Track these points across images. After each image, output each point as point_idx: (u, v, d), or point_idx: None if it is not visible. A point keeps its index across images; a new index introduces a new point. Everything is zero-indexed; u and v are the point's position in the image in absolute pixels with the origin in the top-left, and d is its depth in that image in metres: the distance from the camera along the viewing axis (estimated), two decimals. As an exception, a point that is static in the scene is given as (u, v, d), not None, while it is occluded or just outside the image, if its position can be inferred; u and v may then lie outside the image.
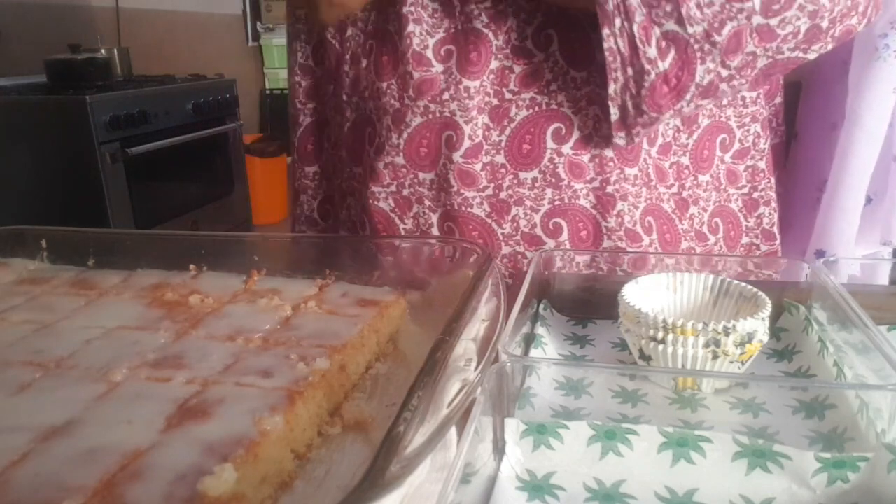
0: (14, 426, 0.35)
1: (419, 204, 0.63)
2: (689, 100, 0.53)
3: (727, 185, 0.68)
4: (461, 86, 0.59)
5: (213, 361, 0.41)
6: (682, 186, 0.65)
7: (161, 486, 0.30)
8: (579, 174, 0.60)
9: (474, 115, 0.60)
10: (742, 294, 0.47)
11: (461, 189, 0.61)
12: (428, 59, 0.60)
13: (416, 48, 0.60)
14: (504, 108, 0.59)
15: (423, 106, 0.60)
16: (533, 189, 0.60)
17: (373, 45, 0.63)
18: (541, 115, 0.59)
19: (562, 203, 0.60)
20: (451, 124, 0.60)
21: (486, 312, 0.46)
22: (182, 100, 2.48)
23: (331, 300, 0.50)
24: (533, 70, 0.59)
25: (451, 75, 0.60)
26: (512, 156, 0.60)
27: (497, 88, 0.59)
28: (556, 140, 0.59)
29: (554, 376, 0.45)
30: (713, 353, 0.42)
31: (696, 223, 0.66)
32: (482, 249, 0.51)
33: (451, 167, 0.60)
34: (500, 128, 0.60)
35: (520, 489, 0.35)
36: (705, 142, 0.65)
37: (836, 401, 0.40)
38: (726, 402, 0.43)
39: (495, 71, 0.59)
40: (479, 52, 0.59)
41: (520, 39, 0.58)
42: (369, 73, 0.63)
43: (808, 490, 0.34)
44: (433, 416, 0.33)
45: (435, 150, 0.61)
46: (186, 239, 0.59)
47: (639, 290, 0.48)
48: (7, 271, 0.57)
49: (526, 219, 0.61)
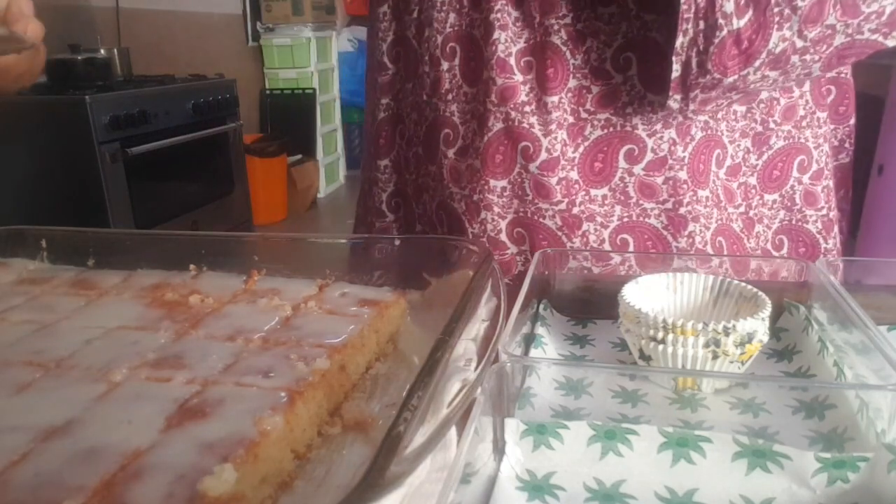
0: (14, 426, 0.35)
1: (487, 210, 0.63)
2: (757, 66, 0.51)
3: (804, 206, 0.67)
4: (542, 99, 0.60)
5: (213, 361, 0.41)
6: (748, 206, 0.65)
7: (161, 486, 0.30)
8: (650, 194, 0.61)
9: (553, 129, 0.60)
10: (742, 294, 0.47)
11: (535, 199, 0.62)
12: (511, 67, 0.61)
13: (501, 55, 0.60)
14: (579, 127, 0.60)
15: (504, 112, 0.61)
16: (603, 206, 0.61)
17: (456, 48, 0.63)
18: (615, 135, 0.60)
19: (630, 220, 0.61)
20: (530, 136, 0.61)
21: (486, 312, 0.46)
22: (182, 100, 2.49)
23: (331, 300, 0.50)
24: (610, 91, 0.59)
25: (532, 88, 0.60)
26: (584, 173, 0.61)
27: (574, 107, 0.60)
28: (628, 160, 0.60)
29: (554, 376, 0.45)
30: (713, 353, 0.42)
31: (761, 241, 0.66)
32: (482, 249, 0.51)
33: (526, 177, 0.62)
34: (575, 145, 0.61)
35: (520, 489, 0.35)
36: (777, 163, 0.65)
37: (836, 401, 0.40)
38: (726, 402, 0.43)
39: (573, 90, 0.60)
40: (555, 69, 0.59)
41: (599, 61, 0.59)
42: (454, 77, 0.64)
43: (808, 490, 0.34)
44: (433, 416, 0.33)
45: (510, 159, 0.62)
46: (186, 239, 0.59)
47: (639, 290, 0.48)
48: (7, 271, 0.57)
49: (595, 234, 0.62)
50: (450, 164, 0.65)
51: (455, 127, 0.65)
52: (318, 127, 4.03)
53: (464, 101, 0.64)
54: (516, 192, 0.62)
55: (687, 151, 0.61)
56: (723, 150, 0.63)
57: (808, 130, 0.65)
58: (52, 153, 2.12)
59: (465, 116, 0.64)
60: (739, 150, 0.63)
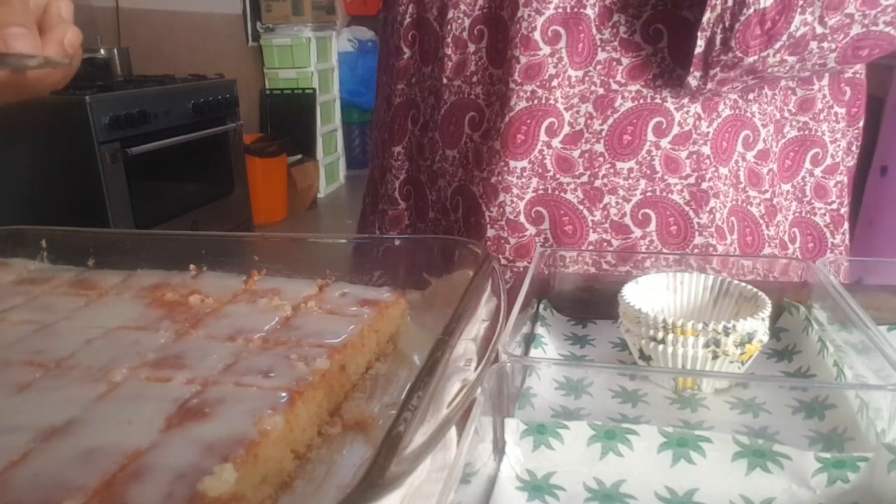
0: (14, 426, 0.35)
1: (506, 192, 0.63)
2: (777, 49, 0.52)
3: (814, 198, 0.68)
4: (567, 73, 0.60)
5: (213, 361, 0.41)
6: (773, 193, 0.65)
7: (161, 486, 0.30)
8: (675, 169, 0.61)
9: (576, 102, 0.60)
10: (742, 294, 0.47)
11: (557, 174, 0.62)
12: (535, 42, 0.60)
13: (525, 31, 0.60)
14: (610, 98, 0.60)
15: (529, 91, 0.61)
16: (628, 179, 0.61)
17: (483, 30, 0.63)
18: (645, 107, 0.60)
19: (653, 195, 0.61)
20: (554, 111, 0.61)
21: (486, 312, 0.46)
22: (182, 100, 2.49)
23: (331, 300, 0.50)
24: (641, 63, 0.60)
25: (560, 61, 0.60)
26: (611, 145, 0.61)
27: (604, 79, 0.60)
28: (656, 133, 0.60)
29: (554, 376, 0.45)
30: (713, 353, 0.42)
31: (780, 231, 0.67)
32: (482, 249, 0.51)
33: (548, 153, 0.61)
34: (604, 117, 0.60)
35: (520, 489, 0.35)
36: (789, 152, 0.66)
37: (836, 401, 0.40)
38: (726, 402, 0.43)
39: (602, 62, 0.60)
40: (584, 44, 0.60)
41: (629, 33, 0.59)
42: (480, 59, 0.64)
43: (808, 490, 0.34)
44: (433, 416, 0.33)
45: (532, 138, 0.61)
46: (186, 239, 0.59)
47: (639, 290, 0.48)
48: (7, 271, 0.57)
49: (617, 207, 0.62)
50: (475, 147, 0.65)
51: (481, 109, 0.65)
52: (318, 127, 4.04)
53: (489, 83, 0.64)
54: (536, 170, 0.62)
55: (712, 127, 0.61)
56: (754, 132, 0.63)
57: (825, 124, 0.66)
58: (52, 153, 2.12)
59: (490, 98, 0.64)
60: (769, 136, 0.64)
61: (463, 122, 0.66)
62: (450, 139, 0.67)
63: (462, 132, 0.66)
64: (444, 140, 0.68)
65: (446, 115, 0.67)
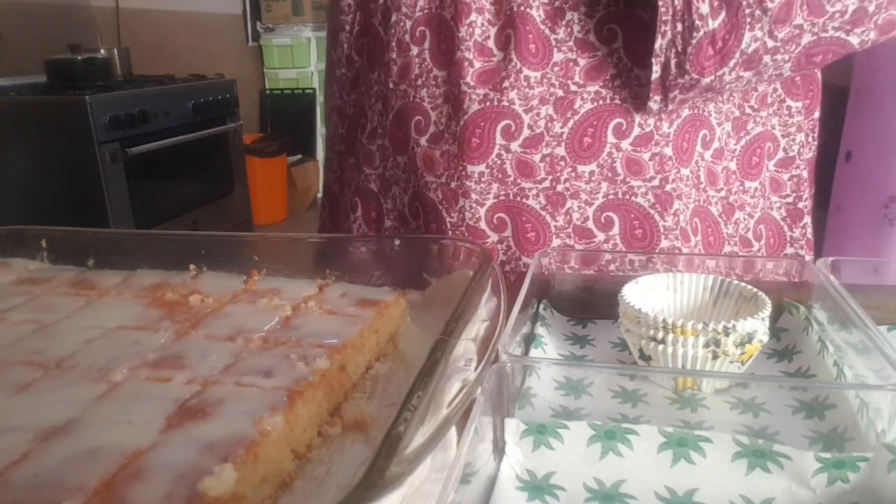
0: (14, 426, 0.35)
1: (465, 198, 0.62)
2: (732, 66, 0.53)
3: (770, 192, 0.68)
4: (521, 75, 0.59)
5: (213, 361, 0.41)
6: (729, 191, 0.65)
7: (161, 486, 0.30)
8: (637, 171, 0.60)
9: (535, 104, 0.60)
10: (742, 294, 0.47)
11: (518, 179, 0.61)
12: (489, 49, 0.60)
13: (478, 38, 0.60)
14: (569, 100, 0.60)
15: (482, 94, 0.60)
16: (589, 182, 0.60)
17: (426, 32, 0.62)
18: (605, 108, 0.60)
19: (616, 198, 0.61)
20: (510, 113, 0.60)
21: (486, 312, 0.46)
22: (182, 100, 2.49)
23: (331, 300, 0.50)
24: (598, 63, 0.59)
25: (510, 63, 0.59)
26: (572, 148, 0.60)
27: (562, 80, 0.59)
28: (616, 135, 0.60)
29: (554, 376, 0.45)
30: (713, 353, 0.42)
31: (741, 228, 0.66)
32: (482, 249, 0.51)
33: (507, 157, 0.60)
34: (564, 119, 0.60)
35: (520, 489, 0.35)
36: (756, 149, 0.65)
37: (836, 401, 0.40)
38: (726, 402, 0.43)
39: (559, 63, 0.59)
40: (536, 45, 0.59)
41: (582, 33, 0.59)
42: (423, 62, 0.63)
43: (808, 490, 0.33)
44: (433, 416, 0.33)
45: (488, 141, 0.61)
46: (186, 239, 0.59)
47: (639, 290, 0.48)
48: (7, 271, 0.57)
49: (579, 212, 0.61)
50: (422, 152, 0.64)
51: (426, 113, 0.63)
52: (318, 127, 4.03)
53: (434, 86, 0.63)
54: (496, 175, 0.61)
55: (672, 128, 0.61)
56: (710, 131, 0.63)
57: (775, 118, 0.66)
58: (52, 153, 2.12)
59: (436, 101, 0.63)
60: (724, 134, 0.63)
61: (409, 126, 0.65)
62: (398, 145, 0.66)
63: (409, 137, 0.65)
64: (394, 146, 0.67)
65: (394, 121, 0.66)
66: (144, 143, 2.24)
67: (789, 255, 0.69)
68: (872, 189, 0.83)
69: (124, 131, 2.18)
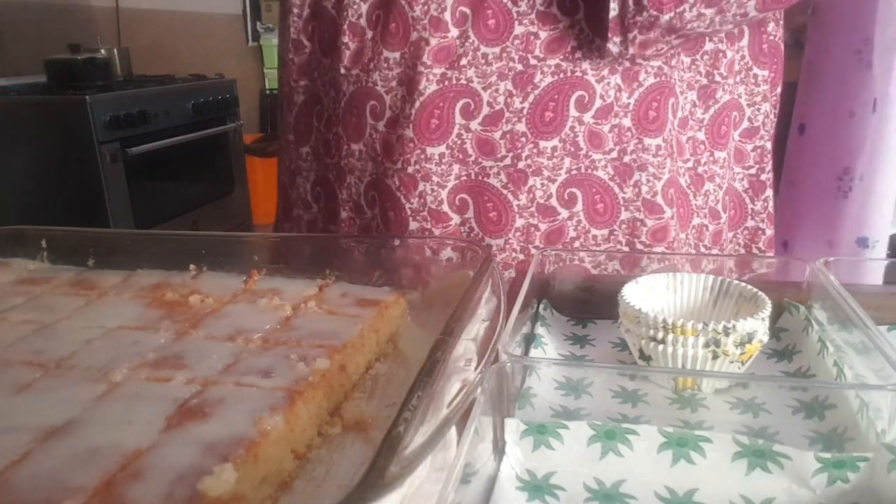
0: (14, 426, 0.35)
1: (426, 181, 0.61)
2: (692, 2, 0.51)
3: (734, 163, 0.67)
4: (479, 52, 0.58)
5: (213, 361, 0.41)
6: (697, 162, 0.64)
7: (161, 486, 0.30)
8: (598, 144, 0.59)
9: (494, 80, 0.58)
10: (742, 294, 0.47)
11: (479, 158, 0.60)
12: (445, 24, 0.58)
13: (434, 13, 0.58)
14: (529, 75, 0.58)
15: (439, 74, 0.59)
16: (552, 158, 0.59)
17: (380, 14, 0.61)
18: (565, 81, 0.58)
19: (578, 173, 0.60)
20: (468, 92, 0.59)
21: (486, 312, 0.46)
22: (182, 100, 2.48)
23: (331, 300, 0.50)
24: (559, 35, 0.58)
25: (467, 40, 0.58)
26: (533, 124, 0.59)
27: (522, 54, 0.58)
28: (578, 108, 0.59)
29: (554, 376, 0.45)
30: (713, 353, 0.42)
31: (710, 200, 0.65)
32: (482, 249, 0.51)
33: (467, 137, 0.59)
34: (524, 94, 0.58)
35: (520, 489, 0.35)
36: (724, 118, 0.64)
37: (836, 401, 0.40)
38: (726, 402, 0.43)
39: (520, 36, 0.58)
40: (497, 20, 0.57)
41: (545, 5, 0.58)
42: (375, 44, 0.61)
43: (808, 490, 0.33)
44: (433, 416, 0.33)
45: (447, 122, 0.59)
46: (186, 239, 0.59)
47: (639, 290, 0.48)
48: (7, 271, 0.57)
49: (542, 189, 0.60)
50: (381, 137, 0.62)
51: (380, 97, 0.61)
52: (318, 127, 4.03)
53: (386, 68, 0.61)
54: (456, 155, 0.60)
55: (632, 98, 0.59)
56: (676, 99, 0.62)
57: (742, 87, 0.65)
58: (52, 153, 2.12)
59: (389, 84, 0.61)
60: (687, 103, 0.62)
61: (364, 112, 0.63)
62: (353, 132, 0.64)
63: (365, 123, 0.63)
64: (348, 134, 0.64)
65: (347, 108, 0.64)
66: (144, 143, 2.24)
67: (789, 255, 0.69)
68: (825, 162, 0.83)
69: (124, 131, 2.18)
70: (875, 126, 0.75)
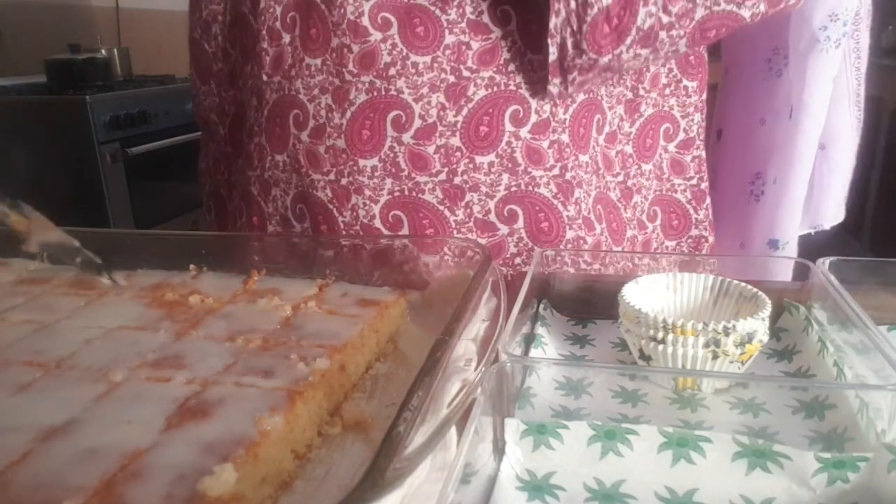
0: (14, 426, 0.35)
1: (358, 194, 0.59)
2: (629, 44, 0.52)
3: (671, 174, 0.67)
4: (408, 61, 0.56)
5: (213, 361, 0.41)
6: (626, 175, 0.64)
7: (161, 486, 0.30)
8: (537, 160, 0.58)
9: (425, 92, 0.56)
10: (742, 294, 0.47)
11: (412, 173, 0.58)
12: (365, 28, 0.56)
13: (351, 16, 0.56)
14: (462, 87, 0.57)
15: (367, 82, 0.57)
16: (489, 174, 0.58)
17: (296, 17, 0.58)
18: (499, 95, 0.57)
19: (518, 189, 0.58)
20: (399, 103, 0.57)
21: (486, 312, 0.46)
22: (182, 100, 2.48)
23: (331, 300, 0.50)
24: (491, 47, 0.56)
25: (394, 47, 0.56)
26: (468, 138, 0.57)
27: (454, 65, 0.56)
28: (514, 123, 0.58)
29: (554, 376, 0.45)
30: (713, 353, 0.42)
31: (637, 212, 0.66)
32: (482, 249, 0.51)
33: (399, 150, 0.57)
34: (457, 108, 0.57)
35: (520, 489, 0.35)
36: (648, 130, 0.64)
37: (836, 401, 0.40)
38: (726, 402, 0.43)
39: (451, 46, 0.56)
40: (425, 27, 0.56)
41: (476, 14, 0.56)
42: (295, 50, 0.58)
43: (808, 490, 0.34)
44: (433, 416, 0.33)
45: (379, 134, 0.58)
46: (186, 239, 0.59)
47: (639, 290, 0.48)
48: (7, 271, 0.57)
49: (480, 205, 0.58)
50: (305, 148, 0.59)
51: (303, 106, 0.59)
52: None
53: (308, 76, 0.58)
54: (389, 169, 0.58)
55: (568, 114, 0.59)
56: (602, 115, 0.62)
57: (673, 99, 0.65)
58: (52, 153, 2.12)
59: (311, 92, 0.58)
60: (615, 117, 0.62)
61: (287, 121, 0.60)
62: (277, 142, 0.61)
63: (288, 133, 0.60)
64: (272, 144, 0.62)
65: (270, 117, 0.61)
66: (144, 143, 2.24)
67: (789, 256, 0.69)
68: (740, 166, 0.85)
69: (124, 131, 2.18)
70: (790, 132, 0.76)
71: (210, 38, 0.68)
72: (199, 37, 0.70)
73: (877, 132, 3.10)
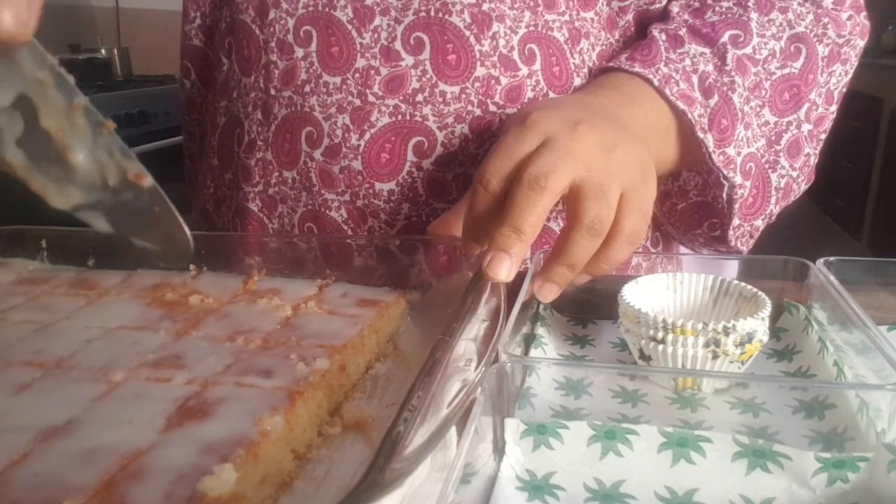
0: (14, 426, 0.35)
1: (283, 203, 0.60)
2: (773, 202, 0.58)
3: None
4: (321, 80, 0.56)
5: (212, 361, 0.41)
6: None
7: (161, 486, 0.30)
8: (440, 193, 0.57)
9: (333, 112, 0.56)
10: (742, 294, 0.47)
11: (322, 190, 0.58)
12: (290, 45, 0.57)
13: (279, 35, 0.57)
14: (366, 112, 0.56)
15: (287, 97, 0.57)
16: (389, 202, 0.57)
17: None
18: (403, 124, 0.56)
19: (419, 220, 0.58)
20: (311, 120, 0.57)
21: (486, 312, 0.46)
22: (182, 100, 2.48)
23: (331, 300, 0.50)
24: (400, 75, 0.56)
25: (311, 65, 0.57)
26: (369, 164, 0.57)
27: (360, 89, 0.56)
28: (417, 154, 0.57)
29: (554, 376, 0.45)
30: (713, 353, 0.42)
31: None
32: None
33: (312, 165, 0.58)
34: (360, 132, 0.56)
35: (520, 489, 0.35)
36: None
37: (836, 401, 0.40)
38: (726, 402, 0.43)
39: (360, 70, 0.56)
40: (340, 48, 0.56)
41: (388, 40, 0.55)
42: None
43: (808, 490, 0.34)
44: (433, 416, 0.33)
45: (296, 147, 0.58)
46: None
47: (639, 290, 0.48)
48: (7, 271, 0.57)
49: (381, 233, 0.58)
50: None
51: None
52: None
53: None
54: (304, 182, 0.58)
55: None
56: None
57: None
58: (52, 153, 2.12)
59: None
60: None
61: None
62: (286, 159, 0.60)
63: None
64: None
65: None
66: (144, 143, 2.24)
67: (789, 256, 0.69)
68: None
69: (124, 131, 2.18)
70: None
71: (212, 45, 0.68)
72: (194, 42, 0.69)
73: (877, 132, 3.10)
